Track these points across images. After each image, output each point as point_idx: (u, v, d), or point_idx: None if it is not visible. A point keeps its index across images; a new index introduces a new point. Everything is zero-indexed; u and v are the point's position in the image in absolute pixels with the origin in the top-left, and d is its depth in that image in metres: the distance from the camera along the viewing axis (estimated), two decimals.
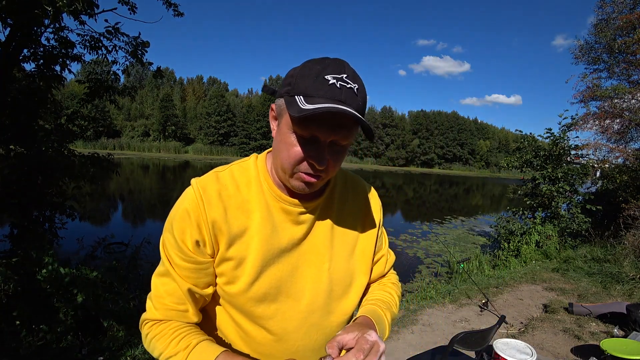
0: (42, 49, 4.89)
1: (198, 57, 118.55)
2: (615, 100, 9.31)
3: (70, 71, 5.18)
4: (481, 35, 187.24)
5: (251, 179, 0.73)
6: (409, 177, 39.14)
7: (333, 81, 0.59)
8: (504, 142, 60.12)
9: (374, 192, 0.89)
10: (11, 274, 2.97)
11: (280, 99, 0.65)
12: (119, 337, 3.06)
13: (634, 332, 2.84)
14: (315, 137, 0.61)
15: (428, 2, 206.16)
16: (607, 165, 9.79)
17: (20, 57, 4.65)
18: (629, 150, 9.68)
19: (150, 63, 5.58)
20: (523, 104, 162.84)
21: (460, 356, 1.37)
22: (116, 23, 5.01)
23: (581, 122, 9.67)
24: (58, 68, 5.02)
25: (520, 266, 6.43)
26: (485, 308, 3.99)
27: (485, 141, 57.87)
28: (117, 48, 5.27)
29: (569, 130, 8.16)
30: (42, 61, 4.91)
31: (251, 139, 46.89)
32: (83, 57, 5.20)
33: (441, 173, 49.41)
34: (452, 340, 1.25)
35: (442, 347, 1.39)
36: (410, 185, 30.85)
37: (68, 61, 5.07)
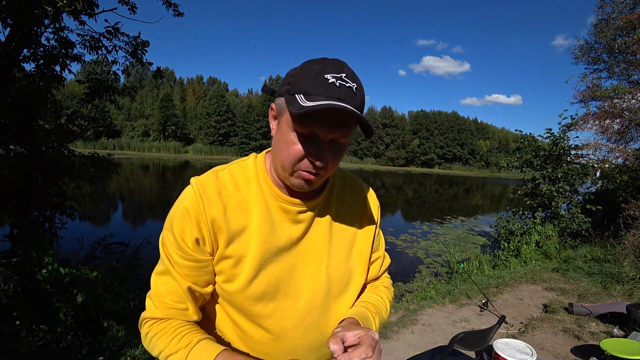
0: (42, 49, 4.89)
1: (198, 57, 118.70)
2: (615, 100, 9.31)
3: (70, 71, 5.18)
4: (481, 35, 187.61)
5: (250, 178, 0.73)
6: (409, 177, 39.14)
7: (332, 80, 0.60)
8: (504, 142, 60.10)
9: (372, 192, 0.90)
10: (11, 274, 2.96)
11: (280, 98, 0.66)
12: (119, 337, 3.06)
13: (634, 332, 2.84)
14: (315, 135, 0.62)
15: (428, 2, 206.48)
16: (607, 165, 9.79)
17: (20, 57, 4.65)
18: (629, 150, 9.68)
19: (150, 63, 5.58)
20: (523, 104, 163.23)
21: (460, 356, 1.37)
22: (116, 23, 5.00)
23: (581, 122, 9.67)
24: (58, 68, 5.02)
25: (520, 266, 6.43)
26: (485, 308, 3.99)
27: (485, 141, 57.86)
28: (117, 48, 5.27)
29: (569, 130, 8.17)
30: (42, 61, 4.91)
31: (251, 139, 46.88)
32: (83, 57, 5.20)
33: (441, 173, 49.39)
34: (452, 340, 1.25)
35: (442, 347, 1.39)
36: (410, 185, 30.84)
37: (68, 61, 5.07)
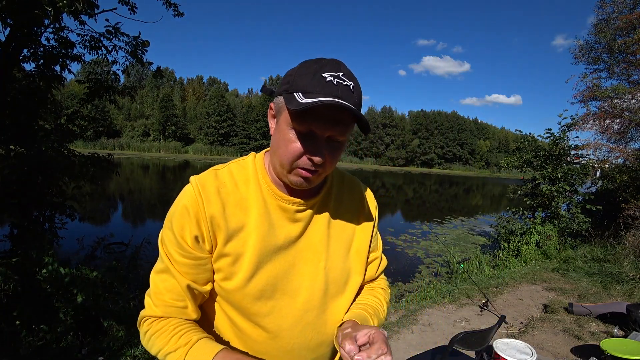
0: (42, 49, 4.88)
1: (198, 57, 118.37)
2: (615, 100, 9.31)
3: (70, 71, 5.17)
4: (481, 35, 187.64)
5: (249, 177, 0.74)
6: (409, 177, 39.13)
7: (330, 78, 0.61)
8: (504, 142, 60.07)
9: (370, 192, 0.90)
10: (11, 274, 2.96)
11: (279, 97, 0.67)
12: (119, 337, 3.06)
13: (634, 332, 2.84)
14: (313, 133, 0.63)
15: (428, 2, 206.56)
16: (607, 165, 9.78)
17: (20, 57, 4.64)
18: (629, 150, 9.68)
19: (150, 63, 5.57)
20: (523, 104, 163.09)
21: (460, 356, 1.36)
22: (116, 23, 4.99)
23: (581, 122, 9.67)
24: (58, 68, 5.01)
25: (520, 266, 6.43)
26: (485, 308, 3.99)
27: (485, 141, 57.83)
28: (117, 48, 5.26)
29: (569, 130, 8.16)
30: (42, 61, 4.90)
31: (251, 139, 46.87)
32: (83, 57, 5.19)
33: (441, 173, 49.37)
34: (452, 340, 1.25)
35: (442, 347, 1.38)
36: (410, 185, 30.79)
37: (68, 61, 5.07)
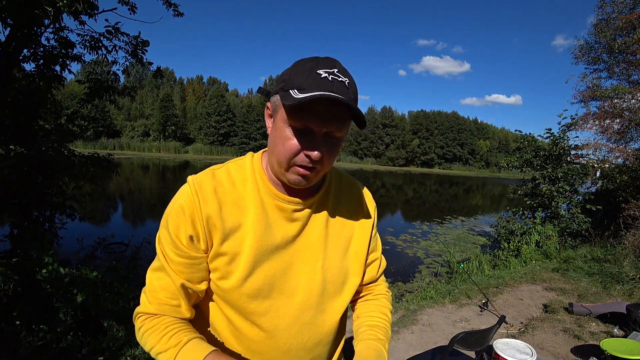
0: (42, 49, 4.88)
1: (198, 57, 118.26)
2: (615, 100, 9.30)
3: (70, 71, 5.17)
4: (481, 35, 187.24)
5: (247, 176, 0.74)
6: (409, 177, 39.12)
7: (325, 75, 0.61)
8: (504, 142, 60.05)
9: (369, 193, 0.90)
10: (11, 274, 2.96)
11: (275, 95, 0.67)
12: (119, 337, 3.06)
13: (634, 332, 2.84)
14: (310, 129, 0.63)
15: (428, 2, 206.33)
16: (607, 165, 9.78)
17: (20, 57, 4.64)
18: (629, 150, 9.67)
19: (150, 63, 5.57)
20: (523, 104, 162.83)
21: (460, 356, 1.36)
22: (116, 23, 4.99)
23: (581, 122, 9.66)
24: (58, 68, 5.01)
25: (520, 266, 6.42)
26: (485, 308, 3.99)
27: (485, 141, 57.81)
28: (117, 48, 5.26)
29: (569, 130, 8.17)
30: (42, 61, 4.90)
31: (251, 139, 46.87)
32: (83, 57, 5.19)
33: (441, 173, 49.36)
34: (452, 340, 1.24)
35: (442, 347, 1.38)
36: (410, 185, 30.78)
37: (68, 61, 5.07)
